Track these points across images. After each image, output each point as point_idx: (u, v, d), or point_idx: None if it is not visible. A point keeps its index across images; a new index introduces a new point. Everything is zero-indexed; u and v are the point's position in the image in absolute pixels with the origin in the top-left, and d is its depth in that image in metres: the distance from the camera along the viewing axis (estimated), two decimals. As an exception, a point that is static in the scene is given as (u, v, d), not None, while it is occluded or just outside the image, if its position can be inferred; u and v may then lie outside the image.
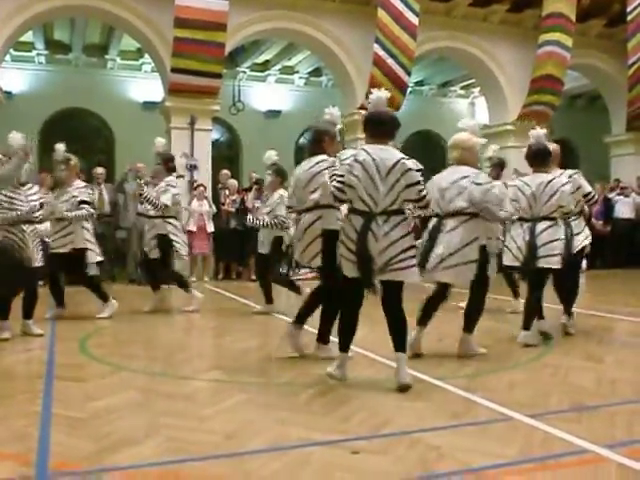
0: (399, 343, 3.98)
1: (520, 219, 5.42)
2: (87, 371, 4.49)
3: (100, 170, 11.00)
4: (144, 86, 14.83)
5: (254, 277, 11.19)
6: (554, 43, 13.05)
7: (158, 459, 2.80)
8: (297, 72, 16.47)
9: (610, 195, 13.82)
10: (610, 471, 2.64)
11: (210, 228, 11.21)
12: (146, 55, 13.67)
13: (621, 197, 13.79)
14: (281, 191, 7.11)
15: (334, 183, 4.06)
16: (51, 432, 3.15)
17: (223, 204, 11.51)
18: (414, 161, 4.06)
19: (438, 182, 4.97)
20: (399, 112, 12.89)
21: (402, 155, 4.00)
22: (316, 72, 16.37)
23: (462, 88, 17.97)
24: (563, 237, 5.25)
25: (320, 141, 4.88)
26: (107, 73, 15.11)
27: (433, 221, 4.91)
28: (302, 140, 16.82)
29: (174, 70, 10.94)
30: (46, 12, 11.14)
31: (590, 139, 16.39)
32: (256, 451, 2.90)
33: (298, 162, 5.20)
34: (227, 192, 11.67)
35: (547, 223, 5.24)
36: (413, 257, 4.03)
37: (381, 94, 4.11)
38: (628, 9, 13.75)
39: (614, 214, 13.51)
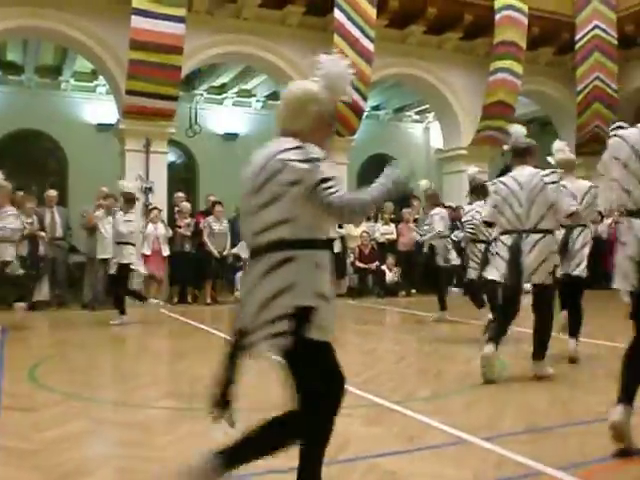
0: None
1: None
2: (36, 400, 4.36)
3: (52, 193, 10.82)
4: (98, 108, 14.66)
5: (209, 301, 11.13)
6: (505, 70, 13.38)
7: (109, 491, 2.72)
8: (254, 95, 16.51)
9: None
10: (564, 493, 2.67)
11: (165, 252, 11.08)
12: (100, 77, 13.55)
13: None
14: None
15: None
16: (-3, 465, 3.05)
17: (179, 227, 11.41)
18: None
19: None
20: (356, 136, 13.04)
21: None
22: (273, 96, 16.42)
23: (417, 113, 18.25)
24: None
25: None
26: (61, 95, 14.89)
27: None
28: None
29: (129, 92, 10.85)
30: (-2, 33, 10.97)
31: (541, 163, 16.76)
32: (210, 480, 2.84)
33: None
34: (179, 215, 11.56)
35: None
36: None
37: None
38: (576, 37, 14.20)
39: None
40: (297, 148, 2.36)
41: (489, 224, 5.36)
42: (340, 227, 12.36)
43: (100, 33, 11.17)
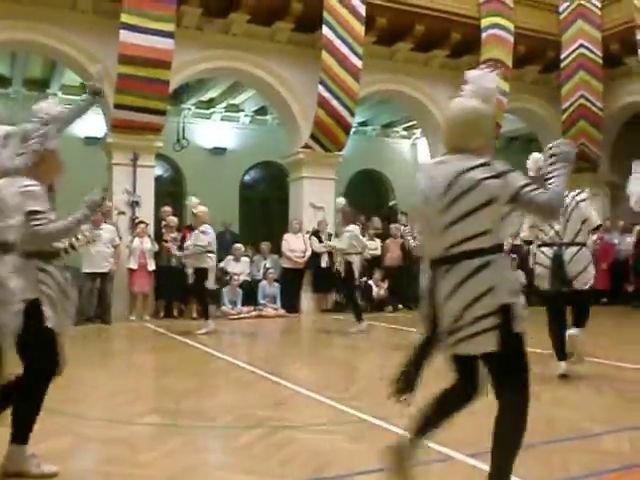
0: None
1: None
2: (19, 416, 4.31)
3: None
4: (86, 121, 14.63)
5: (195, 315, 11.08)
6: (492, 88, 13.51)
7: (92, 508, 2.71)
8: (242, 110, 16.56)
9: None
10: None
11: (151, 266, 11.03)
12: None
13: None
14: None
15: None
16: (-22, 482, 3.02)
17: (166, 241, 11.35)
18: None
19: None
20: (344, 152, 13.10)
21: None
22: (261, 111, 16.50)
23: (404, 129, 18.36)
24: None
25: None
26: (48, 108, 14.86)
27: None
28: (247, 177, 16.86)
29: (117, 106, 10.86)
30: (-14, 46, 10.97)
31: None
32: (194, 497, 2.84)
33: (243, 199, 5.24)
34: (166, 230, 11.49)
35: None
36: None
37: None
38: (562, 56, 14.38)
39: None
40: (484, 165, 2.54)
41: (529, 242, 5.99)
42: (329, 241, 12.39)
43: (89, 47, 11.18)
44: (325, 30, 12.04)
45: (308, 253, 12.23)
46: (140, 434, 3.98)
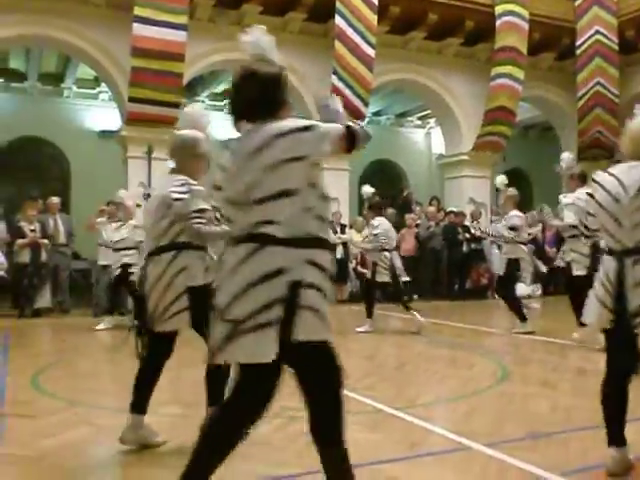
0: None
1: None
2: (38, 407, 4.37)
3: (55, 199, 10.85)
4: (101, 115, 14.72)
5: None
6: (506, 76, 13.41)
7: (111, 498, 2.73)
8: (255, 102, 16.55)
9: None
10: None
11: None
12: (103, 84, 13.60)
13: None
14: None
15: None
16: (0, 472, 3.06)
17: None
18: None
19: None
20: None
21: None
22: (275, 102, 16.48)
23: (419, 119, 18.28)
24: None
25: None
26: (63, 102, 14.96)
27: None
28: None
29: (131, 100, 10.89)
30: (1, 41, 11.01)
31: (542, 168, 16.79)
32: (212, 487, 2.85)
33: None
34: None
35: None
36: None
37: None
38: (577, 43, 14.23)
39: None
40: None
41: None
42: (342, 232, 12.39)
43: (102, 41, 11.21)
44: (338, 20, 11.99)
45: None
46: (159, 424, 4.00)
